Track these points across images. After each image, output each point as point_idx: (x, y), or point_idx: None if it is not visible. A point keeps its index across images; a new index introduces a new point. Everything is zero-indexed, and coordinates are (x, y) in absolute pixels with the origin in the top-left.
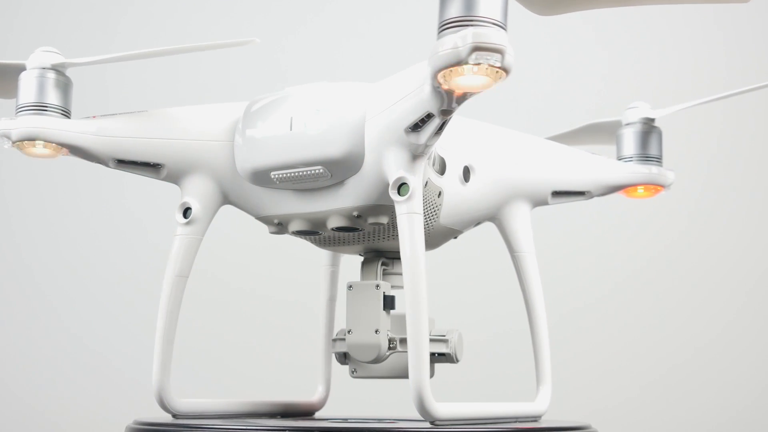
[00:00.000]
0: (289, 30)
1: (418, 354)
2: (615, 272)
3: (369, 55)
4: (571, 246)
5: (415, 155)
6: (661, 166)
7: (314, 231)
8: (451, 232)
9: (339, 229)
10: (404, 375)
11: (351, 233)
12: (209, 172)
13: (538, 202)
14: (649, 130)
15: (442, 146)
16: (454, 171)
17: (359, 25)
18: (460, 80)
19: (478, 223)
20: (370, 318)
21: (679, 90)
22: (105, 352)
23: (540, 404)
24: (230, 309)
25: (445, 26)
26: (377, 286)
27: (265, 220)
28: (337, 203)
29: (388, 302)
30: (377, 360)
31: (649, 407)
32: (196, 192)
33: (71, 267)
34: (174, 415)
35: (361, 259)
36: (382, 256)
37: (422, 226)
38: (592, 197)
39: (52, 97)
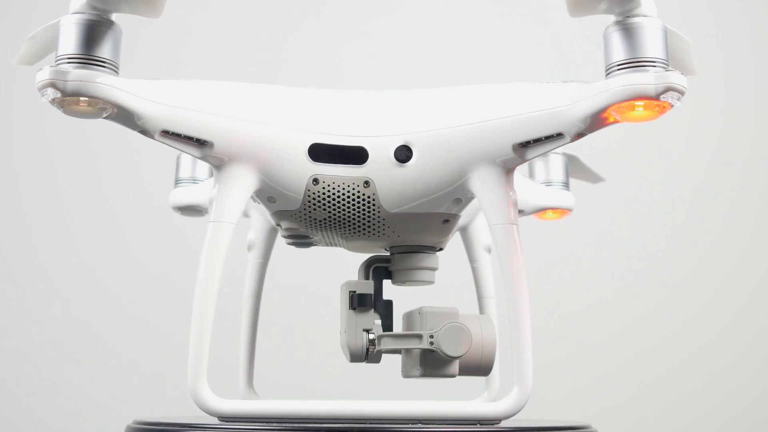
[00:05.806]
0: (291, 32)
1: (197, 347)
2: (615, 274)
3: (371, 55)
4: (570, 246)
5: (212, 166)
6: (663, 70)
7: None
8: (428, 217)
9: (292, 235)
10: (447, 374)
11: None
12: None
13: (507, 161)
14: (634, 25)
15: (357, 134)
16: (380, 155)
17: (362, 26)
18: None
19: (459, 200)
20: (341, 318)
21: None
22: (105, 352)
23: (500, 405)
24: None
25: None
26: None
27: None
28: None
29: (361, 300)
30: (354, 360)
31: (649, 407)
32: (254, 223)
33: (70, 267)
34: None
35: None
36: (394, 253)
37: (222, 235)
38: (572, 139)
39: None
